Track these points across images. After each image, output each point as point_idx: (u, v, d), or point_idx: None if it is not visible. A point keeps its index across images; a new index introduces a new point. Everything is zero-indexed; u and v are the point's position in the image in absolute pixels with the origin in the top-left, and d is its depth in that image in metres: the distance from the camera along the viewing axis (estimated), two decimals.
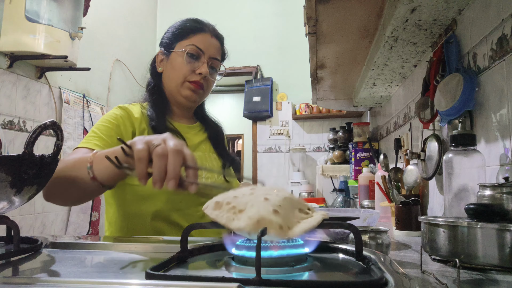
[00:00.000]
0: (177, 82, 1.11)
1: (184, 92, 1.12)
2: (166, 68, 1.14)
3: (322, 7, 1.24)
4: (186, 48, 1.10)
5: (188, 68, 1.10)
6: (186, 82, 1.11)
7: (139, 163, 0.65)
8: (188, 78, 1.11)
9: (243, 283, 0.41)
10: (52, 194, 0.86)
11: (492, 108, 0.93)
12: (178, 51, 1.11)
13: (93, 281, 0.43)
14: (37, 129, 0.62)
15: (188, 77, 1.11)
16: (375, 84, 1.88)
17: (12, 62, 2.29)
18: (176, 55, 1.12)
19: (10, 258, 0.60)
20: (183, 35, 1.13)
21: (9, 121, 2.30)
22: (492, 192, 0.69)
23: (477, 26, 1.01)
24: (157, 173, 0.63)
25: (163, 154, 0.64)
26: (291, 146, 4.03)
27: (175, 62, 1.12)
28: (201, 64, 1.11)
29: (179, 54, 1.11)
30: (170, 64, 1.13)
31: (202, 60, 1.11)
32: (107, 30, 3.42)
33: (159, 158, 0.64)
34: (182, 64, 1.10)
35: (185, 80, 1.11)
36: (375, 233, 0.75)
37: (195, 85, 1.11)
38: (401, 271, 0.49)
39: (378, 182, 1.64)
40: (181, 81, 1.11)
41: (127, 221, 1.04)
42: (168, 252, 0.61)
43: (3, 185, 0.58)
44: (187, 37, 1.12)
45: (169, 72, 1.13)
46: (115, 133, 1.00)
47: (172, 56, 1.13)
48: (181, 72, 1.10)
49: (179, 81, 1.11)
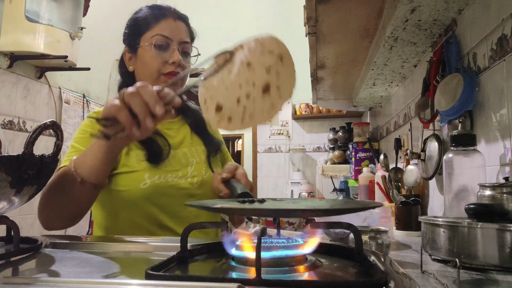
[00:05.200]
0: (152, 78, 1.02)
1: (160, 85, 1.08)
2: (137, 66, 1.06)
3: (322, 7, 1.24)
4: (152, 40, 1.02)
5: (159, 61, 1.02)
6: (161, 76, 1.03)
7: (121, 113, 0.65)
8: (162, 71, 1.02)
9: (243, 283, 0.41)
10: (49, 219, 0.86)
11: (492, 108, 0.93)
12: (145, 46, 1.03)
13: (93, 281, 0.43)
14: (37, 129, 0.62)
15: (161, 70, 1.02)
16: (375, 84, 1.88)
17: (12, 62, 2.28)
18: (143, 51, 1.03)
19: (10, 258, 0.59)
20: (145, 26, 1.04)
21: (9, 121, 2.30)
22: (492, 192, 0.69)
23: (477, 26, 1.01)
24: (138, 108, 0.64)
25: (133, 92, 0.65)
26: (291, 146, 4.03)
27: (144, 57, 1.03)
28: (172, 53, 1.02)
29: (146, 48, 1.03)
30: (140, 60, 1.05)
31: (172, 47, 1.03)
32: (107, 30, 3.42)
33: (132, 96, 0.65)
34: (152, 58, 1.02)
35: (159, 74, 1.02)
36: (375, 233, 0.75)
37: (171, 76, 1.02)
38: (401, 271, 0.49)
39: (378, 182, 1.64)
40: (155, 76, 1.03)
41: (118, 227, 1.01)
42: (168, 252, 0.61)
43: (3, 185, 0.58)
44: (149, 28, 1.04)
45: (140, 70, 1.06)
46: (90, 142, 0.94)
47: (139, 52, 1.04)
48: (153, 66, 1.02)
49: (153, 76, 1.03)
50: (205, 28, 4.94)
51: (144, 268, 0.46)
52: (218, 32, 4.10)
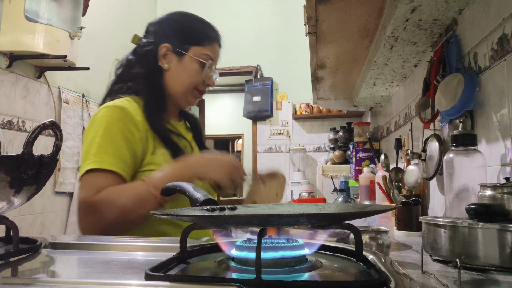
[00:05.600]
0: (187, 88, 1.10)
1: (189, 98, 1.12)
2: (177, 69, 1.09)
3: (322, 6, 1.24)
4: (203, 57, 1.08)
5: (199, 77, 1.10)
6: (194, 90, 1.11)
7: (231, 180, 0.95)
8: (197, 86, 1.11)
9: (243, 284, 0.40)
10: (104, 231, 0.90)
11: (493, 108, 0.93)
12: (193, 58, 1.08)
13: (93, 281, 0.43)
14: (36, 129, 0.61)
15: (197, 85, 1.11)
16: (375, 84, 1.88)
17: (11, 61, 2.28)
18: (191, 61, 1.08)
19: (9, 258, 0.59)
20: (199, 40, 1.09)
21: (8, 121, 2.30)
22: (493, 192, 0.68)
23: (477, 26, 1.01)
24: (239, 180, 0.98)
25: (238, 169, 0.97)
26: (291, 146, 4.03)
27: (188, 67, 1.08)
28: (211, 75, 1.12)
29: (195, 61, 1.08)
30: (183, 67, 1.09)
31: (213, 71, 1.11)
32: (106, 30, 3.42)
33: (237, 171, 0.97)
34: (195, 72, 1.09)
35: (194, 88, 1.11)
36: (375, 234, 0.75)
37: (200, 94, 1.13)
38: (402, 272, 0.48)
39: (379, 182, 1.64)
40: (190, 88, 1.10)
41: None
42: (167, 253, 0.61)
43: (2, 185, 0.58)
44: (202, 43, 1.09)
45: (179, 75, 1.09)
46: (121, 141, 0.95)
47: (186, 59, 1.08)
48: (195, 79, 1.09)
49: (190, 87, 1.10)
50: None
51: (143, 268, 0.45)
52: None
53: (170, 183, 0.71)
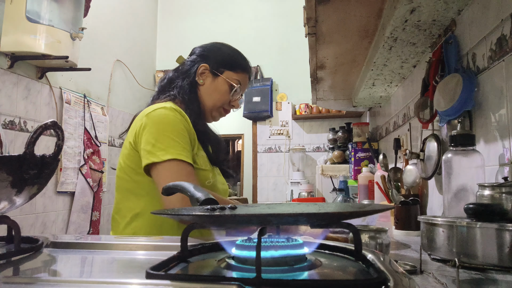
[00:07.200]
0: (216, 104, 1.24)
1: (214, 113, 1.26)
2: (210, 86, 1.24)
3: (322, 7, 1.24)
4: (234, 81, 1.23)
5: (227, 98, 1.25)
6: (221, 108, 1.26)
7: None
8: (224, 105, 1.26)
9: (243, 282, 0.41)
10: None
11: (491, 108, 0.94)
12: (226, 80, 1.23)
13: (93, 280, 0.43)
14: (38, 129, 0.62)
15: (224, 105, 1.26)
16: (374, 84, 1.89)
17: (13, 62, 2.29)
18: (223, 82, 1.23)
19: (10, 257, 0.60)
20: (233, 67, 1.25)
21: (10, 121, 2.30)
22: (491, 192, 0.69)
23: (476, 27, 1.02)
24: None
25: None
26: (291, 146, 4.03)
27: (221, 87, 1.23)
28: (237, 98, 1.27)
29: (227, 83, 1.23)
30: (216, 86, 1.24)
31: (239, 96, 1.28)
32: (107, 31, 3.42)
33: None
34: (226, 92, 1.24)
35: (221, 106, 1.25)
36: (374, 233, 0.75)
37: (225, 113, 1.29)
38: (401, 271, 0.49)
39: (378, 182, 1.64)
40: (219, 105, 1.25)
41: (164, 220, 1.09)
42: (168, 252, 0.61)
43: (4, 185, 0.58)
44: (236, 70, 1.25)
45: (211, 92, 1.24)
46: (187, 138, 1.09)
47: (219, 80, 1.24)
48: (223, 98, 1.24)
49: (218, 104, 1.24)
50: (206, 28, 4.94)
51: (144, 267, 0.46)
52: (218, 32, 4.10)
53: (171, 183, 0.71)
